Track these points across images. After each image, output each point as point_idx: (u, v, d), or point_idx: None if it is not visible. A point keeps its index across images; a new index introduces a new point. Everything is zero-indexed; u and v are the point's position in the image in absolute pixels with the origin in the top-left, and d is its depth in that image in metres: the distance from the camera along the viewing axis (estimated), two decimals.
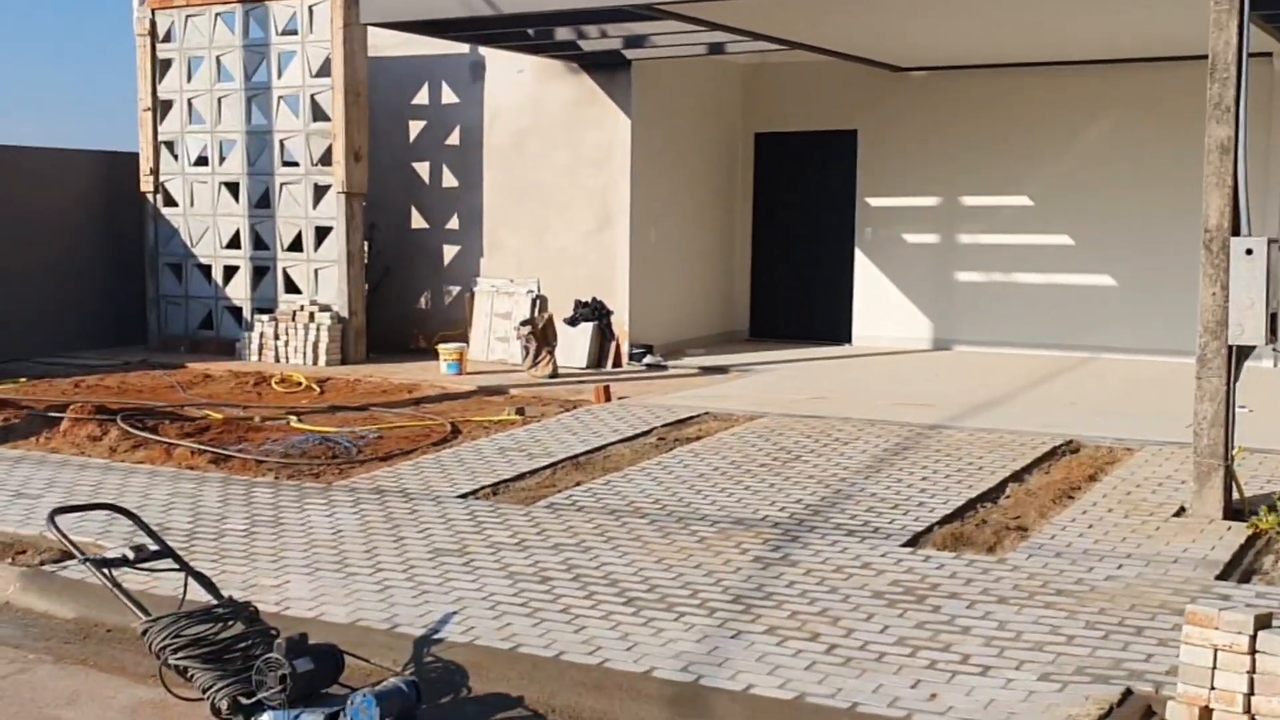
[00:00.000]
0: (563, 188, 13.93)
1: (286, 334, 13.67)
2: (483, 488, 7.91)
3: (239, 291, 14.57)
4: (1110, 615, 5.48)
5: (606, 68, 13.62)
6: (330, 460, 8.88)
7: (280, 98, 14.21)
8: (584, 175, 13.83)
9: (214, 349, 14.52)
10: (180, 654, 4.47)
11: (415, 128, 14.76)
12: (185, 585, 4.95)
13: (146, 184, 14.98)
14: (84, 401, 10.58)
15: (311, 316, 13.60)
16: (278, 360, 13.64)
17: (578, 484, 8.03)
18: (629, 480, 8.09)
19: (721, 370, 13.18)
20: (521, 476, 8.23)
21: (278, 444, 9.35)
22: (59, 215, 14.84)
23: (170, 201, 14.94)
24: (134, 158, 15.12)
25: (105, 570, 4.70)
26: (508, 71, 14.17)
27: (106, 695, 4.99)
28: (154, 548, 4.93)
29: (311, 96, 13.97)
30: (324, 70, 13.83)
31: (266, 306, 14.27)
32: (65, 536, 4.80)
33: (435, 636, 5.38)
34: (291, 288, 14.24)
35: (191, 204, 14.81)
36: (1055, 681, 4.79)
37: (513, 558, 6.41)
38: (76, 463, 8.88)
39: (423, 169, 14.72)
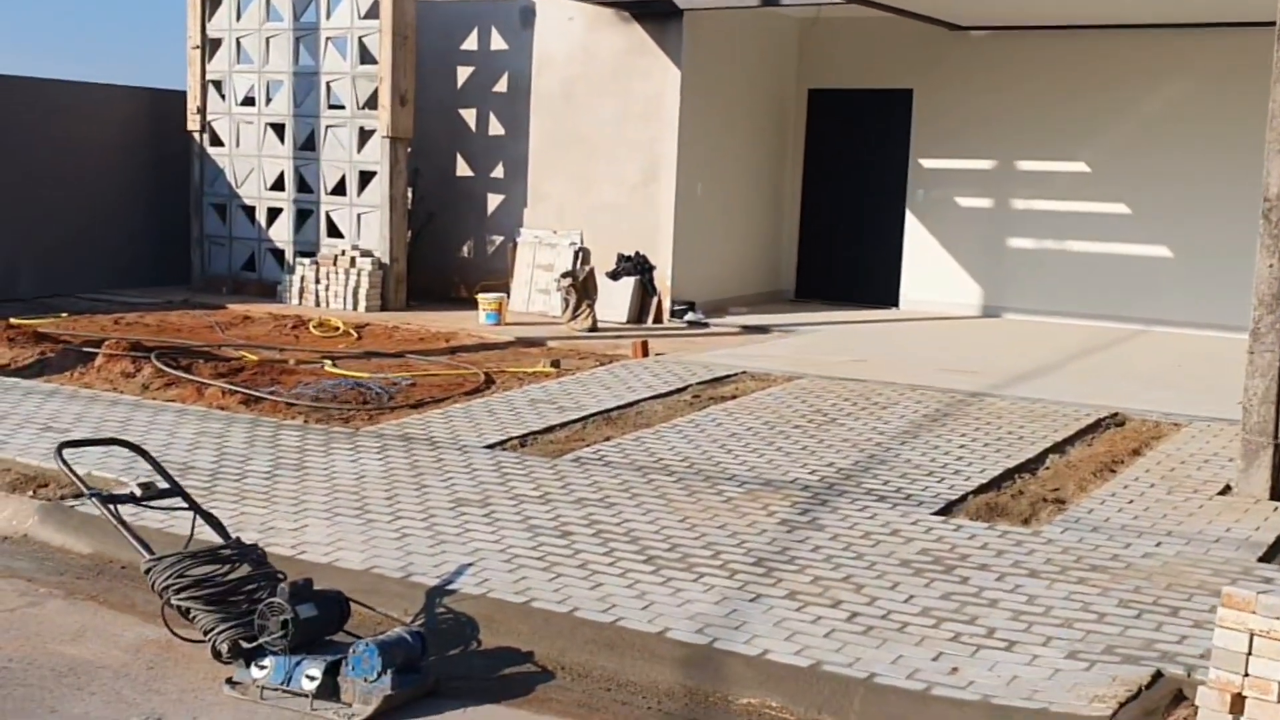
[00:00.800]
0: (609, 139, 13.74)
1: (327, 278, 13.61)
2: (510, 439, 7.80)
3: (282, 234, 14.51)
4: (1145, 594, 5.29)
5: (658, 17, 13.37)
6: (361, 405, 8.79)
7: (328, 39, 14.08)
8: (631, 127, 13.62)
9: (256, 291, 14.49)
10: (183, 595, 4.39)
11: (463, 74, 14.59)
12: (193, 525, 4.87)
13: (193, 123, 14.93)
14: (119, 338, 10.57)
15: (353, 261, 13.52)
16: (318, 304, 13.59)
17: (607, 439, 7.90)
18: (659, 437, 7.95)
19: (763, 330, 12.99)
20: (551, 429, 8.11)
21: (310, 387, 9.28)
22: (107, 152, 14.84)
23: (216, 141, 14.88)
24: (182, 96, 15.06)
25: (111, 506, 4.62)
26: (558, 19, 13.96)
27: (113, 632, 4.93)
28: (164, 485, 4.84)
29: (359, 38, 13.83)
30: (372, 12, 13.68)
31: (309, 250, 14.21)
32: (71, 470, 4.73)
33: (449, 587, 5.28)
34: (334, 232, 14.17)
35: (237, 144, 14.75)
36: (1083, 660, 4.61)
37: (534, 511, 6.30)
38: (108, 398, 8.85)
39: (469, 116, 14.56)
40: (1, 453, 7.27)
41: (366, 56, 13.80)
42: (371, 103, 13.75)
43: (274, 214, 14.59)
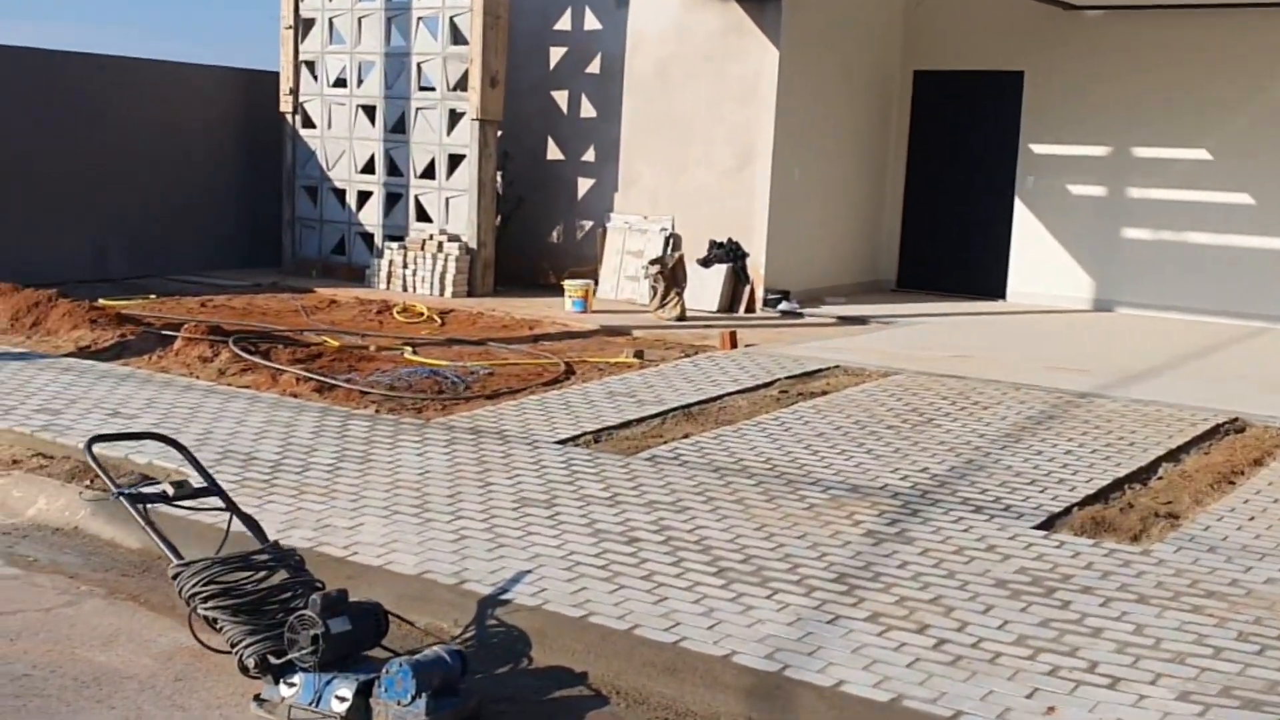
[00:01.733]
0: (703, 122, 13.31)
1: (415, 263, 13.39)
2: (584, 434, 7.44)
3: (371, 217, 14.33)
4: (1268, 626, 4.75)
5: None
6: (436, 395, 8.51)
7: (419, 19, 13.83)
8: (727, 109, 13.18)
9: (345, 274, 14.34)
10: (210, 603, 4.09)
11: (556, 54, 14.27)
12: (228, 527, 4.58)
13: (286, 104, 14.81)
14: (198, 321, 10.43)
15: (440, 246, 13.28)
16: (405, 289, 13.38)
17: (685, 436, 7.50)
18: (741, 435, 7.53)
19: (861, 321, 12.49)
20: (627, 424, 7.73)
21: (386, 375, 9.02)
22: (202, 133, 14.78)
23: (309, 123, 14.75)
24: (275, 77, 14.95)
25: (140, 506, 4.35)
26: None
27: (147, 638, 4.67)
28: (199, 484, 4.56)
29: (450, 18, 13.55)
30: None
31: (397, 234, 14.01)
32: (99, 466, 4.47)
33: (503, 596, 4.93)
34: (423, 216, 13.94)
35: (329, 126, 14.59)
36: (1195, 703, 4.11)
37: (601, 513, 5.93)
38: (182, 383, 8.68)
39: (561, 98, 14.23)
40: (64, 439, 7.09)
41: (458, 37, 13.53)
42: (462, 84, 13.49)
43: (364, 197, 14.42)
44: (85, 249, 13.73)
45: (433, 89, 13.80)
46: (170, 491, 4.44)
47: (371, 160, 14.29)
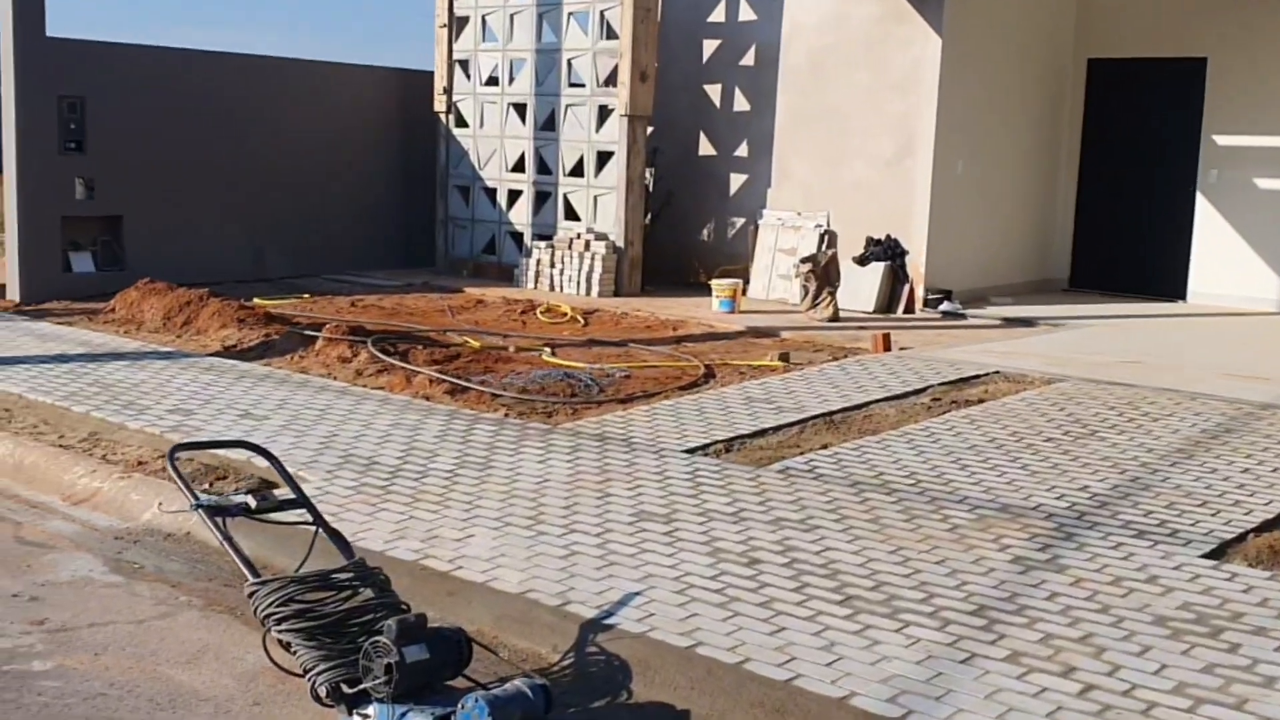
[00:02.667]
0: (861, 113, 12.77)
1: (562, 262, 13.19)
2: (715, 443, 7.06)
3: (521, 216, 14.19)
4: None
5: None
6: (568, 399, 8.24)
7: (570, 14, 13.63)
8: (885, 99, 12.62)
9: (495, 274, 14.24)
10: (284, 625, 3.85)
11: (709, 47, 13.90)
12: (312, 542, 4.35)
13: (440, 103, 14.78)
14: (339, 322, 10.38)
15: (587, 245, 13.05)
16: (552, 288, 13.19)
17: (824, 446, 7.05)
18: (884, 446, 7.05)
19: (1027, 323, 11.80)
20: (763, 433, 7.32)
21: (520, 377, 8.80)
22: (358, 134, 14.85)
23: (461, 122, 14.69)
24: (429, 76, 14.94)
25: (219, 520, 4.14)
26: None
27: (235, 656, 4.47)
28: (283, 495, 4.33)
29: (601, 13, 13.31)
30: None
31: (546, 233, 13.83)
32: (179, 477, 4.27)
33: (607, 621, 4.59)
34: (571, 214, 13.74)
35: (481, 125, 14.51)
36: None
37: (723, 530, 5.54)
38: (317, 384, 8.60)
39: (714, 91, 13.86)
40: (195, 439, 7.02)
41: (609, 32, 13.27)
42: (612, 80, 13.23)
43: (514, 196, 14.29)
44: (245, 249, 13.91)
45: (583, 85, 13.58)
46: (252, 504, 4.22)
47: (522, 158, 14.15)
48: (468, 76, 14.57)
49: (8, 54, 11.76)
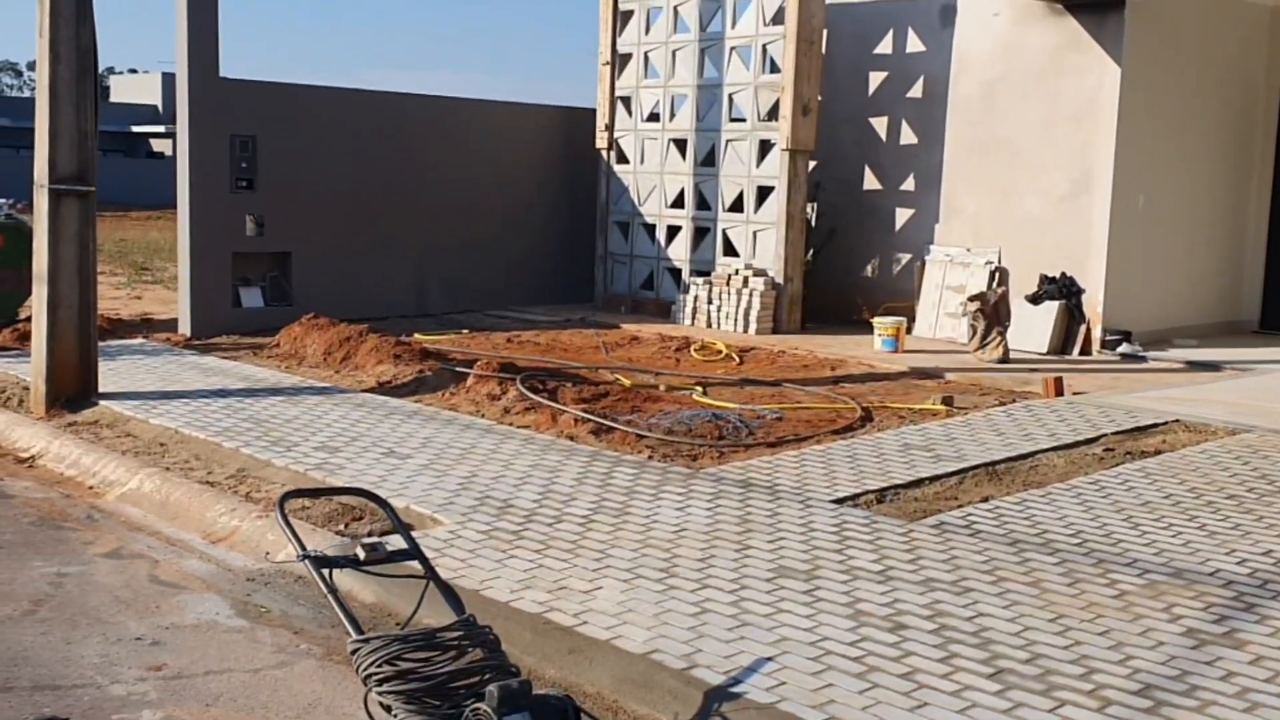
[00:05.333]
0: (1033, 146, 12.24)
1: (719, 298, 12.95)
2: (866, 493, 6.69)
3: (679, 252, 14.01)
4: None
5: (1095, 8, 11.76)
6: (715, 441, 7.97)
7: (732, 48, 13.44)
8: (1060, 131, 12.06)
9: (653, 310, 14.08)
10: (385, 686, 3.66)
11: (875, 79, 13.53)
12: (421, 596, 4.16)
13: (601, 140, 14.74)
14: (490, 358, 10.32)
15: (745, 281, 12.78)
16: (710, 325, 12.96)
17: (984, 499, 6.62)
18: (1049, 500, 6.58)
19: (1213, 367, 11.08)
20: (918, 483, 6.92)
21: (668, 417, 8.56)
22: (522, 170, 14.91)
23: (622, 158, 14.61)
24: (590, 113, 14.92)
25: (325, 571, 3.99)
26: (981, 15, 12.63)
27: (345, 712, 4.31)
28: (394, 546, 4.17)
29: (763, 46, 13.08)
30: (779, 18, 12.91)
31: (704, 269, 13.62)
32: (288, 526, 4.14)
33: (734, 689, 4.29)
34: (730, 250, 13.50)
35: (642, 161, 14.40)
36: None
37: (868, 591, 5.19)
38: (464, 421, 8.51)
39: (880, 124, 13.48)
40: (335, 478, 6.99)
41: (772, 66, 13.04)
42: (773, 114, 12.98)
43: (673, 232, 14.13)
44: (409, 285, 14.06)
45: (743, 120, 13.37)
46: (361, 555, 4.06)
47: (681, 194, 13.99)
48: (629, 113, 14.50)
49: (183, 94, 12.12)
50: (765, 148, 13.06)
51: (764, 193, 13.09)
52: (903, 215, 13.29)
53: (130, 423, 8.48)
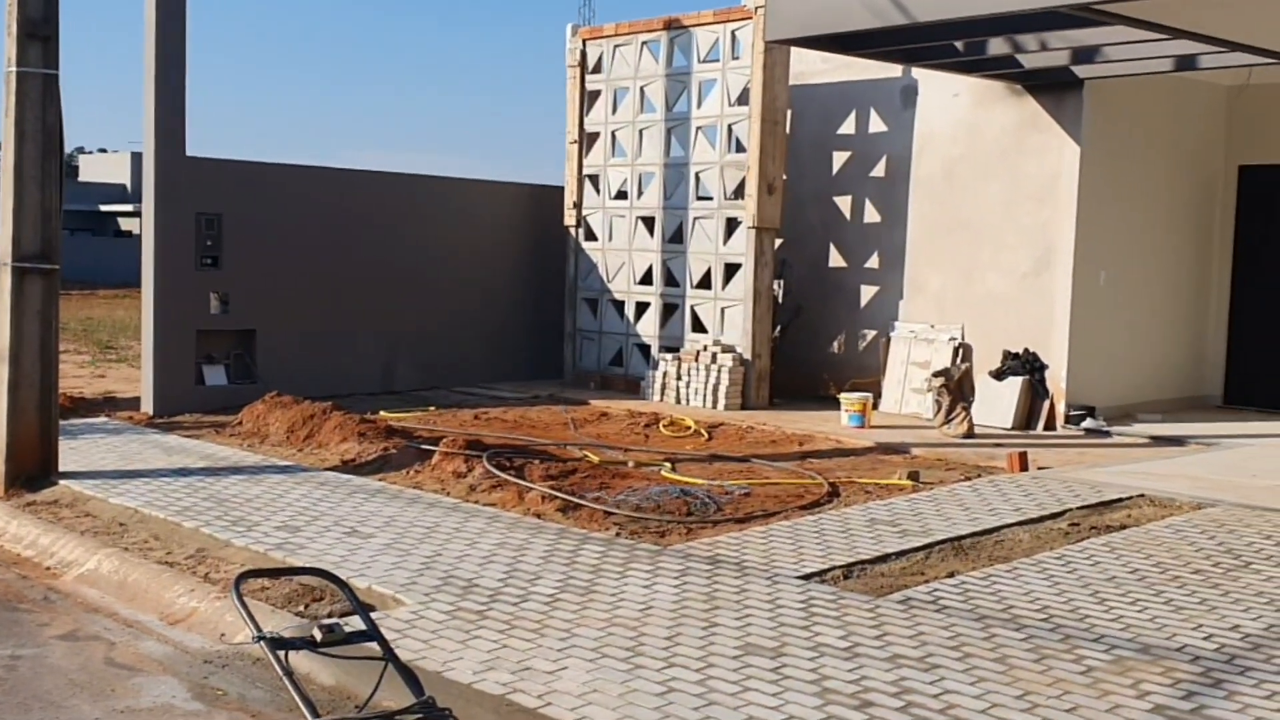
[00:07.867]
0: (995, 223, 12.38)
1: (688, 374, 12.97)
2: (833, 568, 6.66)
3: (648, 328, 14.05)
4: None
5: (1054, 89, 11.96)
6: (683, 518, 7.92)
7: (698, 128, 13.59)
8: (1021, 210, 12.22)
9: (622, 386, 14.08)
10: None
11: (839, 159, 13.70)
12: (380, 678, 4.09)
13: (569, 217, 14.82)
14: (456, 435, 10.27)
15: (714, 358, 12.81)
16: (679, 401, 12.96)
17: (950, 574, 6.60)
18: (1015, 576, 6.57)
19: (1177, 442, 11.15)
20: (885, 558, 6.90)
21: (635, 493, 8.53)
22: (489, 247, 14.96)
23: (591, 235, 14.69)
24: (558, 191, 15.02)
25: (281, 653, 3.92)
26: (942, 95, 12.82)
27: None
28: (353, 627, 4.10)
29: (729, 126, 13.24)
30: (744, 98, 13.07)
31: (673, 345, 13.65)
32: (244, 606, 4.08)
33: None
34: (699, 326, 13.55)
35: (610, 238, 14.49)
36: None
37: (834, 668, 5.14)
38: (429, 499, 8.45)
39: (844, 203, 13.62)
40: (296, 558, 6.90)
41: (738, 145, 13.19)
42: (739, 192, 13.10)
43: (642, 308, 14.18)
44: (375, 362, 14.02)
45: (710, 198, 13.48)
46: (318, 636, 4.00)
47: (649, 271, 14.06)
48: (597, 191, 14.60)
49: (149, 172, 12.13)
50: (732, 225, 13.17)
51: (731, 269, 13.17)
52: (868, 292, 13.39)
53: (90, 502, 8.38)
